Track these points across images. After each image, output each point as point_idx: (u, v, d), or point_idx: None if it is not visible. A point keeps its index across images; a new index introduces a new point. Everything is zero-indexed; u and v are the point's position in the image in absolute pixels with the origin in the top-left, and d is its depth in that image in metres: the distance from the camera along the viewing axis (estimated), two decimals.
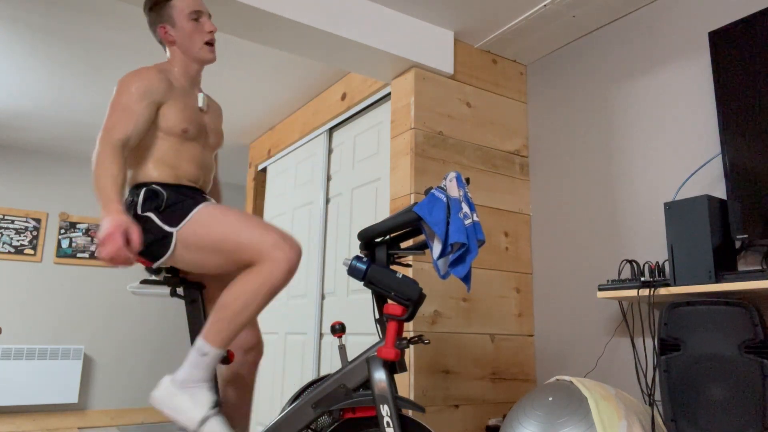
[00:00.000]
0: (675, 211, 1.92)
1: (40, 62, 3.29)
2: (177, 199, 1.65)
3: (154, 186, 1.67)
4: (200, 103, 1.83)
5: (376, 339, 2.74)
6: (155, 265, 1.66)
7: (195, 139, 1.77)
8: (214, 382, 1.68)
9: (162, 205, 1.63)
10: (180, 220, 1.61)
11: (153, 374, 5.20)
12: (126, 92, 1.64)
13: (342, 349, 1.72)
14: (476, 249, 1.54)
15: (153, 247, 1.62)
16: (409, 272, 2.45)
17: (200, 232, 1.58)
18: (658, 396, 2.12)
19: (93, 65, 3.31)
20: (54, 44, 3.08)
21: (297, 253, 1.55)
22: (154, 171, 1.69)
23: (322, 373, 3.14)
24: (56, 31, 2.93)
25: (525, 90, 3.04)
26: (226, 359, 1.72)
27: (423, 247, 1.64)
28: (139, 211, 1.64)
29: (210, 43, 1.81)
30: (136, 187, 1.69)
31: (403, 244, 2.54)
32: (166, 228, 1.61)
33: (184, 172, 1.73)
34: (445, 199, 1.56)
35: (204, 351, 1.53)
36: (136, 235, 1.48)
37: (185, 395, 1.52)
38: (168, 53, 1.83)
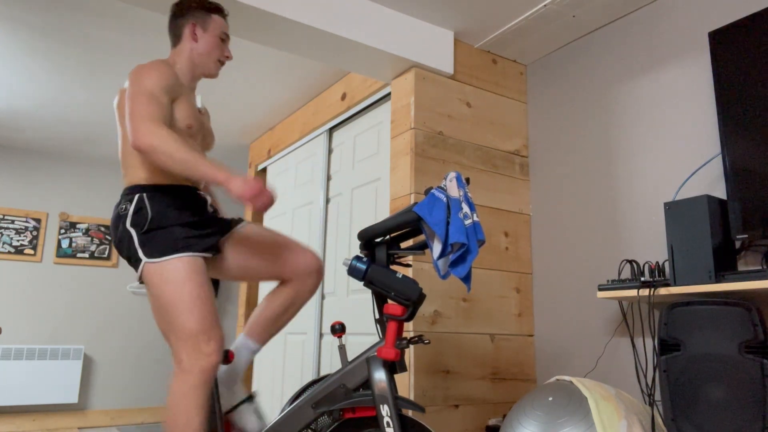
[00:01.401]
0: (675, 211, 1.92)
1: (40, 62, 3.29)
2: (163, 223, 1.63)
3: (145, 197, 1.65)
4: (198, 104, 1.86)
5: (376, 339, 2.74)
6: (136, 276, 1.69)
7: (194, 137, 1.78)
8: (215, 388, 1.69)
9: (145, 226, 1.62)
10: (154, 253, 1.60)
11: (153, 374, 5.20)
12: (149, 82, 1.62)
13: (342, 349, 1.72)
14: (476, 249, 1.54)
15: (129, 261, 1.65)
16: (409, 272, 2.45)
17: (159, 282, 1.59)
18: (658, 396, 2.13)
19: (93, 65, 3.31)
20: (54, 44, 3.08)
21: (212, 351, 1.56)
22: (149, 171, 1.69)
23: (322, 373, 3.14)
24: (56, 31, 2.93)
25: (525, 90, 3.04)
26: (227, 359, 1.72)
27: (423, 247, 1.64)
28: (127, 224, 1.64)
29: (221, 63, 1.87)
30: (131, 191, 1.68)
31: (403, 244, 2.54)
32: (139, 252, 1.61)
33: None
34: (445, 199, 1.56)
35: None
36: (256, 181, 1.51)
37: None
38: (177, 48, 1.83)
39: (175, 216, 1.65)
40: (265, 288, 4.05)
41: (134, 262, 1.63)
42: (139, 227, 1.62)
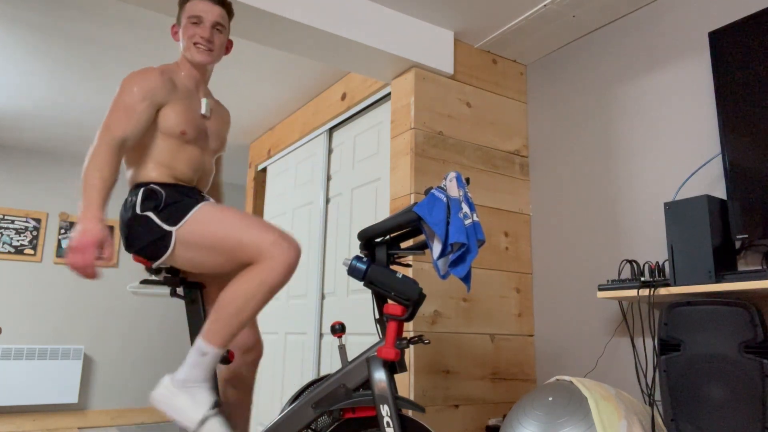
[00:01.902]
0: (675, 211, 1.92)
1: (40, 62, 3.29)
2: (176, 198, 1.65)
3: (152, 185, 1.67)
4: (203, 110, 1.83)
5: (376, 339, 2.74)
6: (155, 265, 1.66)
7: (194, 143, 1.77)
8: (214, 382, 1.68)
9: (161, 204, 1.63)
10: (179, 219, 1.61)
11: (153, 374, 5.20)
12: (128, 91, 1.65)
13: (342, 349, 1.72)
14: (476, 249, 1.54)
15: (152, 246, 1.61)
16: (409, 272, 2.45)
17: (199, 230, 1.58)
18: (658, 396, 2.13)
19: (93, 65, 3.31)
20: (54, 44, 3.08)
21: (296, 252, 1.55)
22: (152, 171, 1.70)
23: (322, 373, 3.14)
24: (56, 31, 2.93)
25: (525, 90, 3.04)
26: (226, 359, 1.72)
27: (423, 247, 1.64)
28: (138, 211, 1.64)
29: (198, 44, 1.79)
30: (136, 187, 1.69)
31: (403, 244, 2.54)
32: (165, 227, 1.60)
33: (181, 174, 1.74)
34: (445, 199, 1.56)
35: (204, 351, 1.53)
36: (108, 249, 1.49)
37: (185, 395, 1.52)
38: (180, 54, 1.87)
39: (185, 194, 1.70)
40: None
41: (160, 243, 1.60)
42: (155, 208, 1.63)
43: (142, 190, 1.66)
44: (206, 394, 1.53)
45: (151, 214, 1.62)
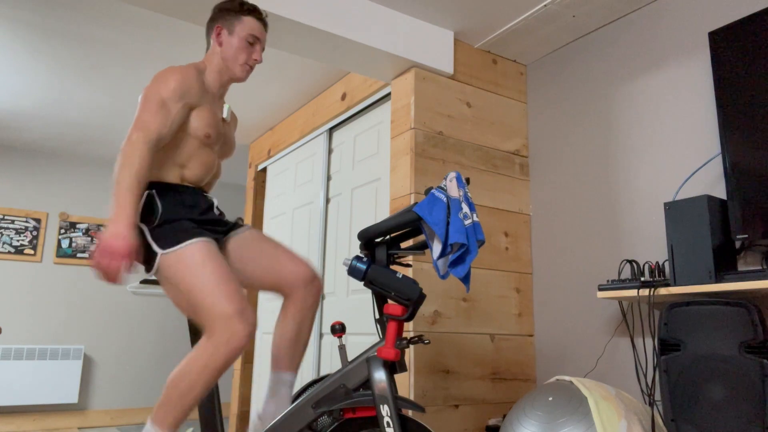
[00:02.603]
0: (675, 211, 1.92)
1: (40, 62, 3.29)
2: (173, 216, 1.62)
3: (153, 193, 1.65)
4: (225, 114, 1.84)
5: (376, 339, 2.74)
6: (147, 276, 1.67)
7: (212, 146, 1.77)
8: (215, 389, 1.69)
9: (155, 220, 1.60)
10: (168, 244, 1.58)
11: (153, 374, 5.20)
12: (165, 87, 1.61)
13: (342, 349, 1.72)
14: (476, 249, 1.54)
15: (141, 257, 1.62)
16: (409, 272, 2.45)
17: (179, 269, 1.55)
18: (658, 396, 2.13)
19: (93, 65, 3.31)
20: (54, 44, 3.08)
21: (245, 334, 1.52)
22: (163, 170, 1.68)
23: (322, 373, 3.14)
24: (56, 30, 2.93)
25: (525, 90, 3.04)
26: None
27: (423, 247, 1.64)
28: (137, 220, 1.63)
29: (250, 66, 1.83)
30: None
31: (403, 244, 2.54)
32: (154, 246, 1.58)
33: (192, 175, 1.73)
34: (445, 199, 1.56)
35: None
36: (134, 257, 1.47)
37: None
38: (208, 53, 1.83)
39: (185, 212, 1.65)
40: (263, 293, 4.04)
41: (146, 257, 1.60)
42: (150, 222, 1.61)
43: (145, 196, 1.64)
44: None
45: (144, 228, 1.61)
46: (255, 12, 1.83)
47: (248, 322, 1.52)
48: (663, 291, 1.91)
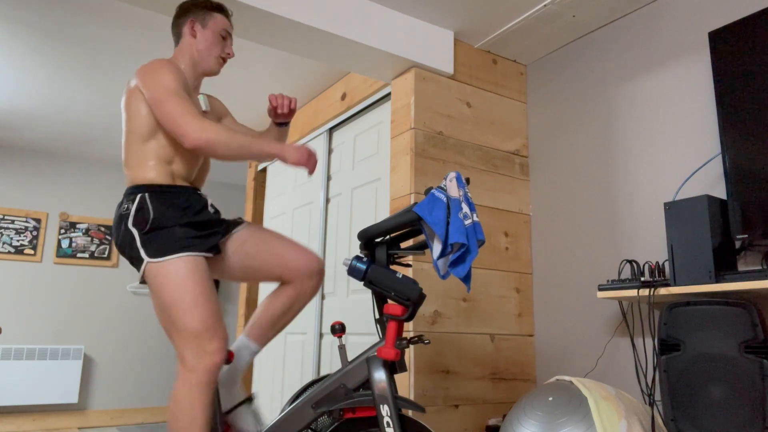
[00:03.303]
0: (675, 211, 1.92)
1: (40, 62, 3.29)
2: (164, 223, 1.64)
3: (146, 196, 1.66)
4: (202, 106, 1.85)
5: (376, 339, 2.74)
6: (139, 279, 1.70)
7: None
8: (216, 395, 1.70)
9: (147, 226, 1.62)
10: (156, 253, 1.61)
11: (153, 374, 5.20)
12: (170, 81, 1.64)
13: (342, 349, 1.72)
14: (476, 249, 1.54)
15: (132, 261, 1.65)
16: (409, 272, 2.45)
17: (160, 282, 1.60)
18: (658, 396, 2.13)
19: (93, 65, 3.31)
20: (54, 44, 3.08)
21: (215, 349, 1.57)
22: (152, 171, 1.69)
23: (322, 373, 3.14)
24: (56, 30, 2.93)
25: (525, 90, 3.04)
26: (227, 359, 1.72)
27: (423, 247, 1.64)
28: (129, 224, 1.64)
29: (223, 60, 1.88)
30: (133, 191, 1.69)
31: (403, 244, 2.54)
32: (141, 253, 1.62)
33: (179, 171, 1.73)
34: (445, 199, 1.56)
35: None
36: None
37: None
38: (179, 47, 1.85)
39: (177, 216, 1.65)
40: (266, 288, 4.05)
41: (136, 262, 1.63)
42: (141, 227, 1.62)
43: (137, 199, 1.66)
44: None
45: (136, 234, 1.63)
46: (223, 10, 1.89)
47: (218, 337, 1.58)
48: (663, 291, 1.91)
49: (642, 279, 1.99)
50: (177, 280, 1.58)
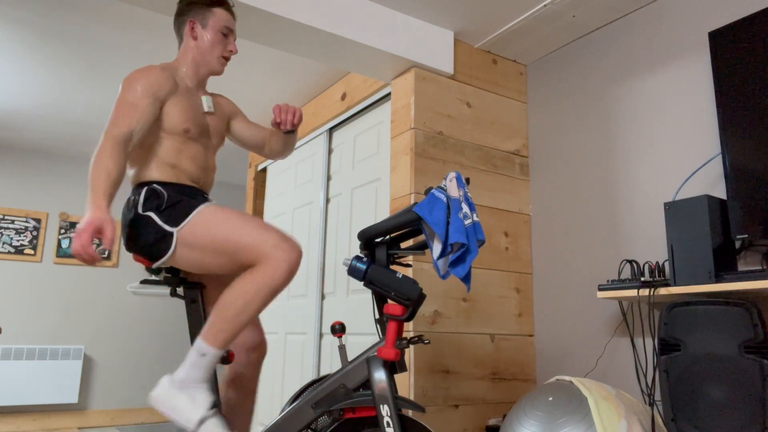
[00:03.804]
0: (675, 211, 1.92)
1: (40, 62, 3.29)
2: (178, 199, 1.65)
3: (155, 185, 1.67)
4: (205, 107, 1.83)
5: (376, 339, 2.74)
6: (155, 266, 1.66)
7: (197, 140, 1.77)
8: (214, 383, 1.68)
9: (163, 205, 1.63)
10: (181, 219, 1.60)
11: (153, 374, 5.20)
12: (131, 89, 1.65)
13: (342, 349, 1.72)
14: (476, 249, 1.54)
15: (153, 246, 1.61)
16: (409, 272, 2.45)
17: (201, 232, 1.58)
18: (658, 396, 2.13)
19: (93, 65, 3.31)
20: (53, 44, 3.08)
21: (297, 254, 1.55)
22: (155, 171, 1.70)
23: (322, 373, 3.14)
24: (56, 30, 2.93)
25: (525, 90, 3.04)
26: (226, 359, 1.72)
27: (423, 247, 1.64)
28: (140, 211, 1.64)
29: (226, 59, 1.85)
30: (138, 187, 1.69)
31: (403, 244, 2.54)
32: (167, 228, 1.60)
33: (185, 172, 1.73)
34: (445, 199, 1.56)
35: (203, 351, 1.52)
36: (109, 233, 1.48)
37: (184, 395, 1.52)
38: (181, 49, 1.84)
39: (188, 197, 1.69)
40: None
41: (160, 243, 1.60)
42: (157, 208, 1.63)
43: (144, 189, 1.66)
44: (205, 395, 1.53)
45: (152, 215, 1.62)
46: (224, 3, 1.85)
47: (295, 243, 1.57)
48: (663, 291, 1.91)
49: (642, 279, 1.99)
50: (217, 218, 1.58)
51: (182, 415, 1.50)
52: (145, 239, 1.62)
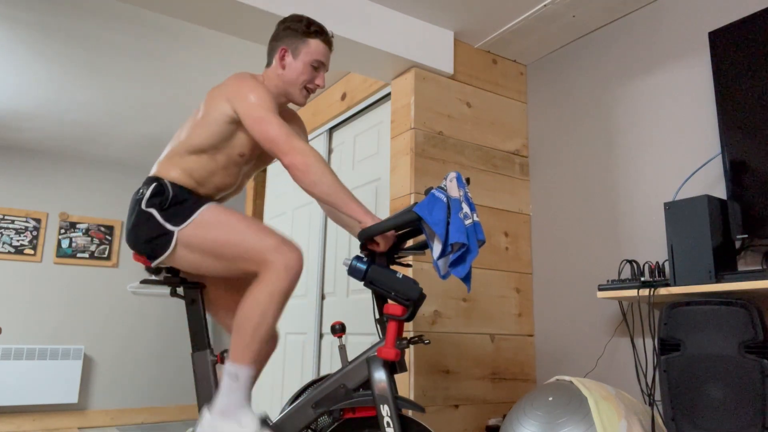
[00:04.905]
0: (675, 211, 1.92)
1: (40, 62, 3.29)
2: (182, 198, 1.64)
3: (165, 182, 1.65)
4: None
5: (376, 339, 2.74)
6: (153, 264, 1.66)
7: (239, 165, 1.76)
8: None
9: (166, 203, 1.61)
10: (183, 219, 1.60)
11: (153, 374, 5.20)
12: (268, 101, 1.60)
13: (342, 349, 1.72)
14: (476, 249, 1.54)
15: (152, 244, 1.61)
16: (409, 272, 2.45)
17: (202, 234, 1.57)
18: (658, 396, 2.13)
19: (93, 65, 3.31)
20: (54, 44, 3.08)
21: (298, 256, 1.55)
22: (179, 174, 1.67)
23: (322, 373, 3.14)
24: (56, 30, 2.93)
25: (525, 90, 3.04)
26: (223, 359, 1.72)
27: (423, 247, 1.64)
28: (143, 206, 1.63)
29: (309, 90, 1.78)
30: (151, 180, 1.67)
31: (403, 245, 2.54)
32: (168, 226, 1.60)
33: (205, 187, 1.72)
34: (445, 199, 1.56)
35: (235, 373, 1.51)
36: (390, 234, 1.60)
37: (229, 423, 1.49)
38: (269, 70, 1.78)
39: (195, 198, 1.67)
40: None
41: (160, 241, 1.59)
42: (159, 206, 1.61)
43: (154, 185, 1.65)
44: (250, 416, 1.50)
45: (154, 212, 1.61)
46: (322, 34, 1.76)
47: (294, 245, 1.56)
48: (663, 291, 1.91)
49: (642, 279, 1.99)
50: (219, 220, 1.58)
51: None
52: (144, 236, 1.61)
